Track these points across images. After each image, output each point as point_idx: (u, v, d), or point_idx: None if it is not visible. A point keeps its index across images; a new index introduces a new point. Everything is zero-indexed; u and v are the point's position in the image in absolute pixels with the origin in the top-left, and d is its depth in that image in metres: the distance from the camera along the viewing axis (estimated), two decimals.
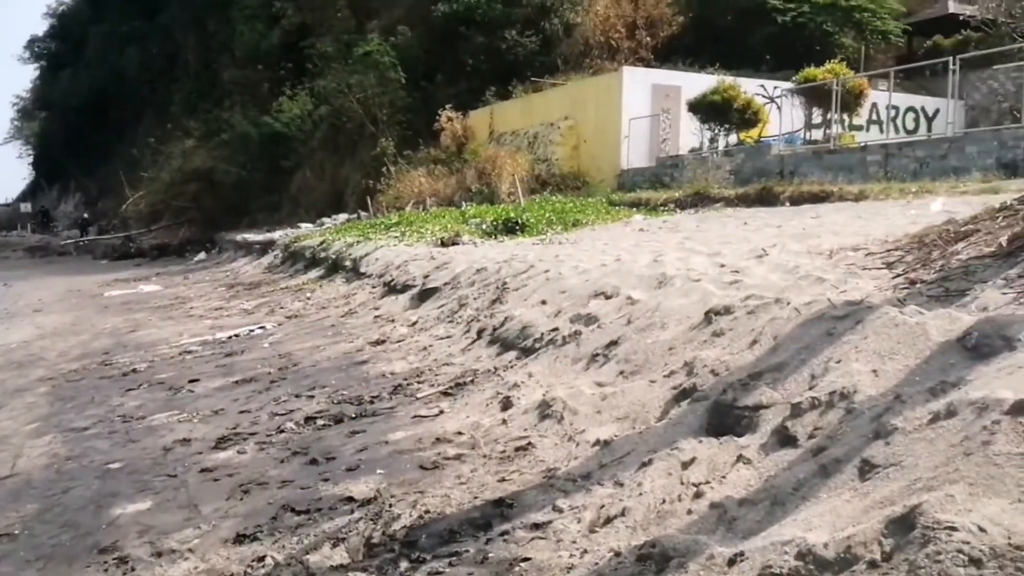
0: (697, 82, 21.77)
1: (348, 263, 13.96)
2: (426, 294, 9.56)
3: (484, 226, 14.69)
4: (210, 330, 11.10)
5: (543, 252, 9.65)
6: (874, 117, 23.83)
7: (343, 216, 25.56)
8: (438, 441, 4.39)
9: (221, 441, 5.37)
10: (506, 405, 4.64)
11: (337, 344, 8.37)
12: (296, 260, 18.16)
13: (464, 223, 15.50)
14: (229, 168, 35.63)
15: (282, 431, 5.35)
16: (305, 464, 4.54)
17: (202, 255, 30.59)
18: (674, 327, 4.61)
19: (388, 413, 5.27)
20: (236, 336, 10.31)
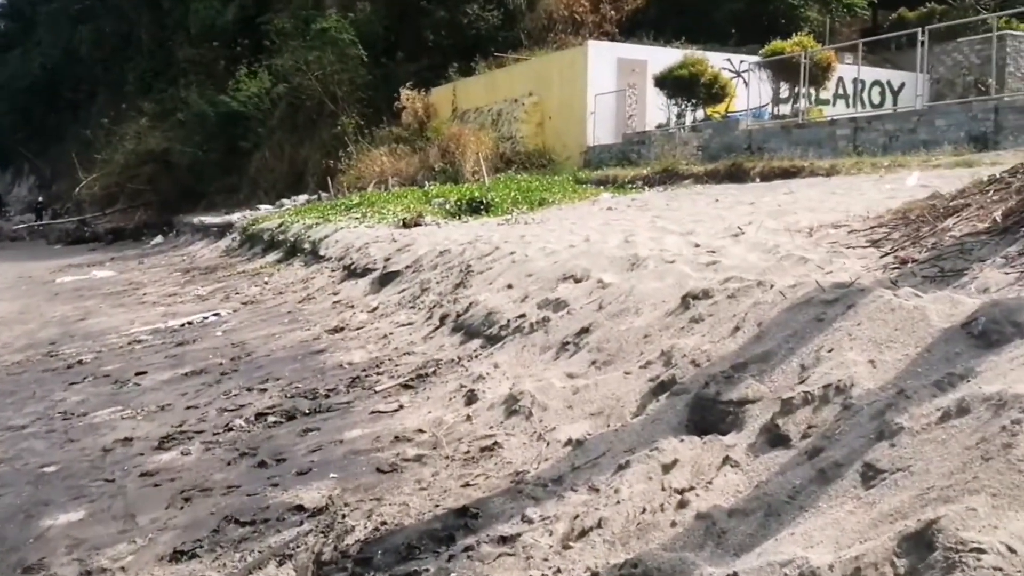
0: (663, 56, 21.45)
1: (307, 246, 13.53)
2: (387, 278, 9.21)
3: (448, 206, 14.32)
4: (162, 318, 10.67)
5: (509, 233, 9.32)
6: (840, 91, 23.71)
7: (303, 197, 25.00)
8: (397, 440, 4.07)
9: (165, 440, 5.01)
10: (470, 399, 4.32)
11: (293, 332, 8.00)
12: (254, 243, 17.67)
13: (427, 203, 15.12)
14: (185, 149, 34.72)
15: (230, 429, 5.00)
16: (253, 467, 4.20)
17: (159, 239, 29.86)
18: (649, 313, 4.31)
19: (344, 408, 4.94)
20: (189, 324, 9.90)
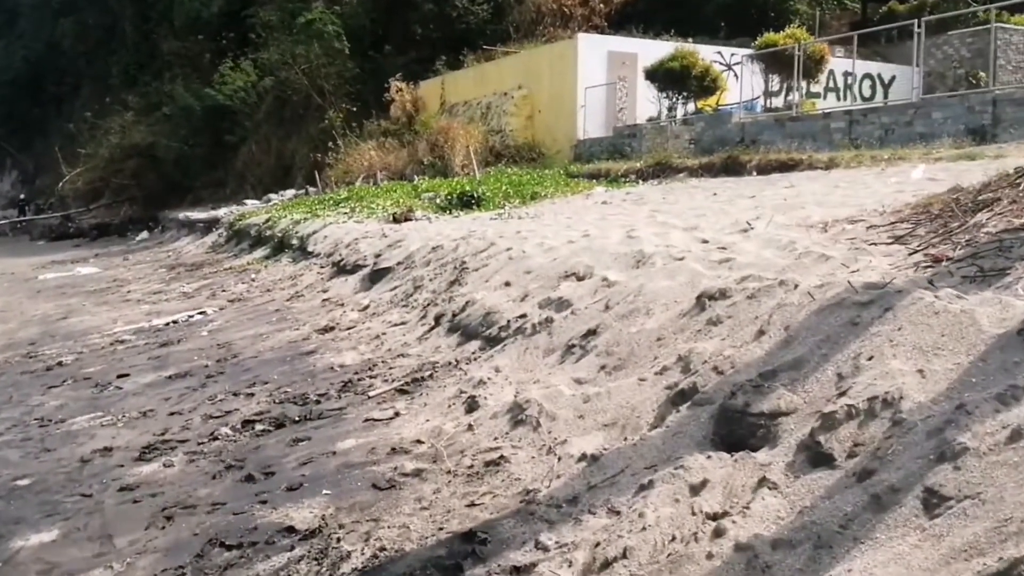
0: (654, 49, 21.19)
1: (295, 242, 13.22)
2: (378, 275, 8.92)
3: (438, 200, 14.04)
4: (146, 316, 10.36)
5: (503, 228, 9.04)
6: (831, 84, 23.50)
7: (291, 192, 24.64)
8: (394, 452, 3.80)
9: (146, 451, 4.72)
10: (471, 407, 4.05)
11: (282, 332, 7.71)
12: (241, 239, 17.32)
13: (417, 198, 14.82)
14: (170, 143, 34.25)
15: (216, 438, 4.72)
16: (240, 481, 3.93)
17: (144, 234, 29.43)
18: (661, 313, 4.05)
19: (337, 415, 4.66)
20: (174, 323, 9.60)
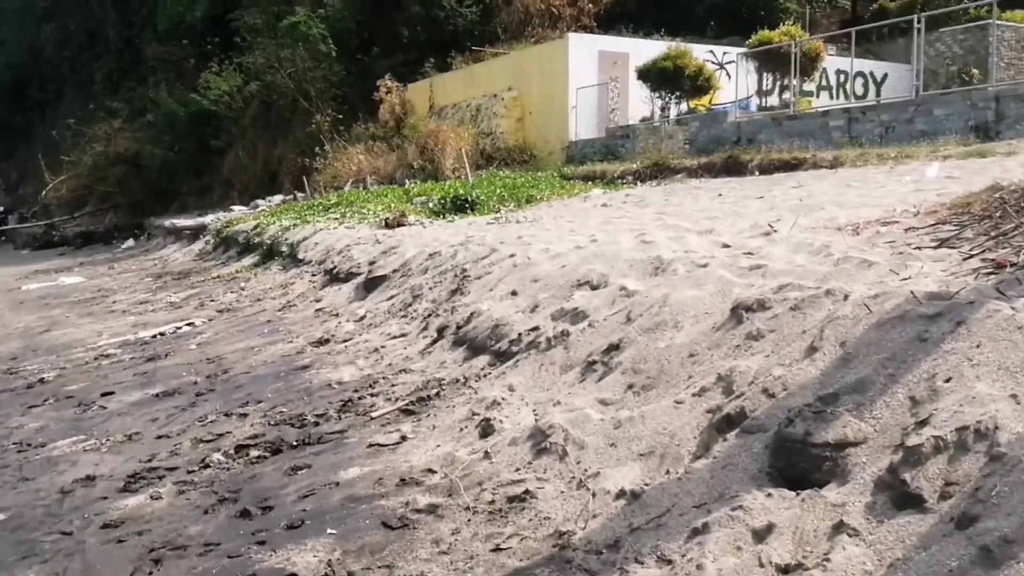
0: (646, 49, 20.92)
1: (285, 248, 12.86)
2: (373, 283, 8.58)
3: (431, 205, 13.69)
4: (132, 328, 10.00)
5: (502, 233, 8.71)
6: (824, 83, 23.30)
7: (278, 198, 24.23)
8: (403, 483, 3.46)
9: (132, 480, 4.37)
10: (486, 431, 3.72)
11: (274, 345, 7.35)
12: (229, 246, 16.94)
13: (409, 202, 14.47)
14: (155, 150, 33.81)
15: (207, 465, 4.37)
16: (235, 516, 3.58)
17: (130, 242, 29.00)
18: (691, 326, 3.72)
19: (337, 439, 4.31)
20: (161, 335, 9.24)
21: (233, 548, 3.22)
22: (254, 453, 4.38)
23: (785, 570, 2.11)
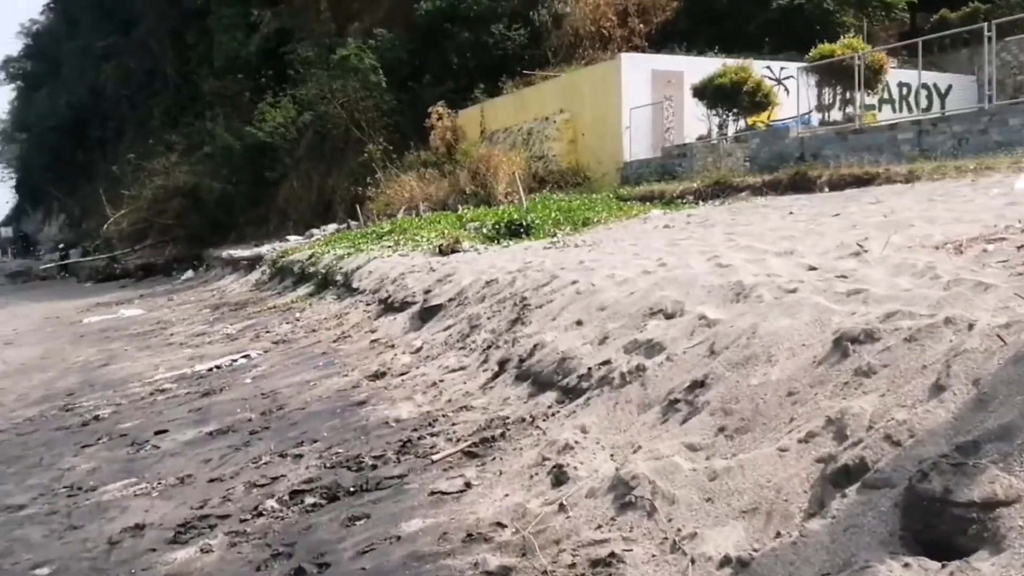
0: (701, 66, 20.53)
1: (339, 278, 12.70)
2: (429, 312, 8.31)
3: (485, 230, 13.44)
4: (189, 361, 9.90)
5: (561, 258, 8.38)
6: (885, 96, 22.62)
7: (332, 226, 24.30)
8: (471, 539, 3.12)
9: (182, 530, 4.11)
10: (559, 479, 3.37)
11: (329, 378, 7.10)
12: (284, 276, 16.92)
13: (462, 228, 14.25)
14: (213, 182, 34.35)
15: (260, 513, 4.09)
16: (289, 574, 3.29)
17: (189, 273, 29.37)
18: (787, 361, 3.34)
19: (397, 485, 4.00)
20: (217, 368, 9.12)
21: None
22: (309, 500, 4.09)
23: None
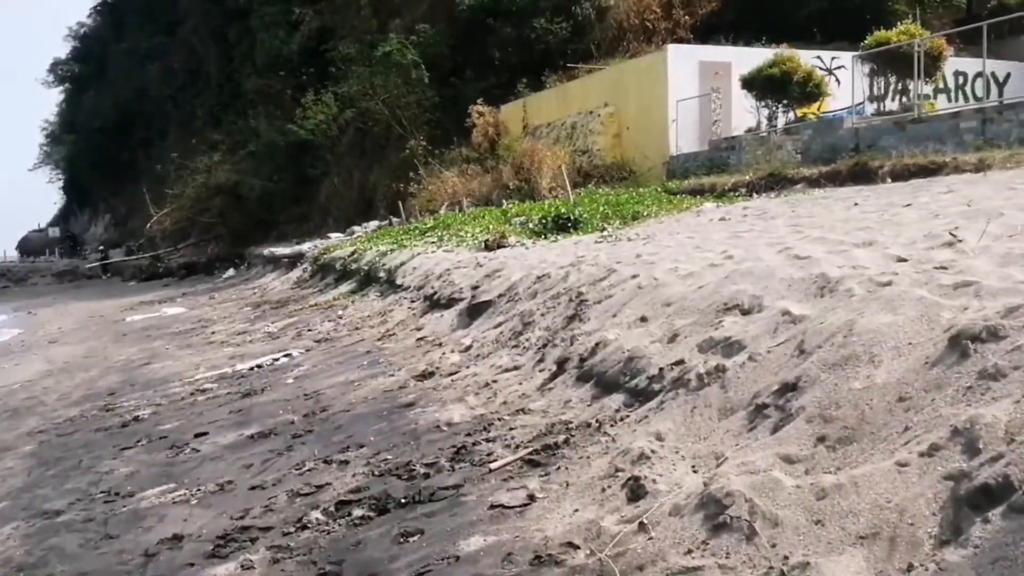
0: (749, 57, 19.96)
1: (382, 274, 12.44)
2: (477, 309, 7.99)
3: (531, 225, 13.10)
4: (230, 360, 9.71)
5: (616, 252, 8.01)
6: (941, 85, 21.84)
7: (374, 223, 24.13)
8: (539, 561, 2.79)
9: (222, 542, 3.84)
10: (636, 493, 3.02)
11: (375, 378, 6.81)
12: (326, 273, 16.74)
13: (507, 223, 13.93)
14: (255, 180, 34.43)
15: (305, 526, 3.80)
16: None
17: (231, 271, 29.46)
18: (893, 361, 2.96)
19: (452, 497, 3.68)
20: (258, 367, 8.91)
21: None
22: (357, 512, 3.79)
23: None
